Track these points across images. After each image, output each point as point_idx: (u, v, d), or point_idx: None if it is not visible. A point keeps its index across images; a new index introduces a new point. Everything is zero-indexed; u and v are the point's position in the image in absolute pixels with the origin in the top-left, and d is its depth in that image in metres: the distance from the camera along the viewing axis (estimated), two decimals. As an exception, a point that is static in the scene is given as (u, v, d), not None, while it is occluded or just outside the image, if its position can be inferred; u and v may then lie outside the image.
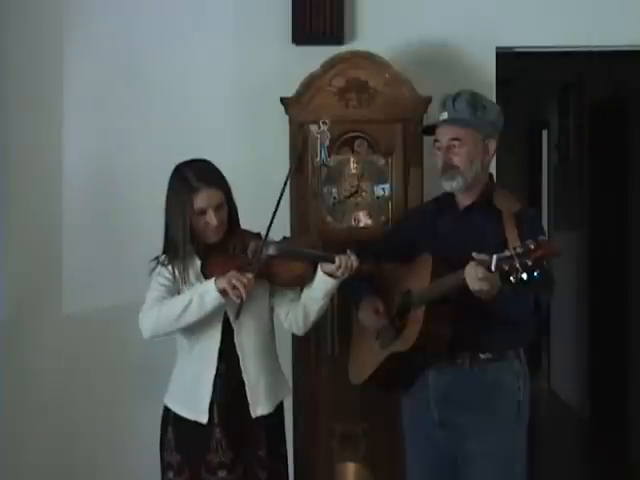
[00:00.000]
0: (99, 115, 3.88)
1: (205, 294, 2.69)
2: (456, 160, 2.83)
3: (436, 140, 2.88)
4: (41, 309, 3.87)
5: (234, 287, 2.66)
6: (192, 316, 2.71)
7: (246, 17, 3.85)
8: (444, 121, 2.85)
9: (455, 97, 2.87)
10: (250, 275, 2.69)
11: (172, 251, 2.81)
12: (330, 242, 3.25)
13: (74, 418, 3.87)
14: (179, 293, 2.82)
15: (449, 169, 2.84)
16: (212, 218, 2.77)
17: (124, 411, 3.85)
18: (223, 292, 2.67)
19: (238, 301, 2.68)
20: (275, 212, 2.77)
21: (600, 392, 6.09)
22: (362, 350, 3.02)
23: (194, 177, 2.78)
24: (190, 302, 2.70)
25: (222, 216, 2.81)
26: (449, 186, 2.86)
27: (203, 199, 2.76)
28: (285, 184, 2.81)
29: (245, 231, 2.88)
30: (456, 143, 2.83)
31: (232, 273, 2.68)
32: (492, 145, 2.90)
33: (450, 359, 2.80)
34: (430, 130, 2.94)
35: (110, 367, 3.85)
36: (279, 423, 2.94)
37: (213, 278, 2.69)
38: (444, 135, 2.85)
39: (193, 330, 2.81)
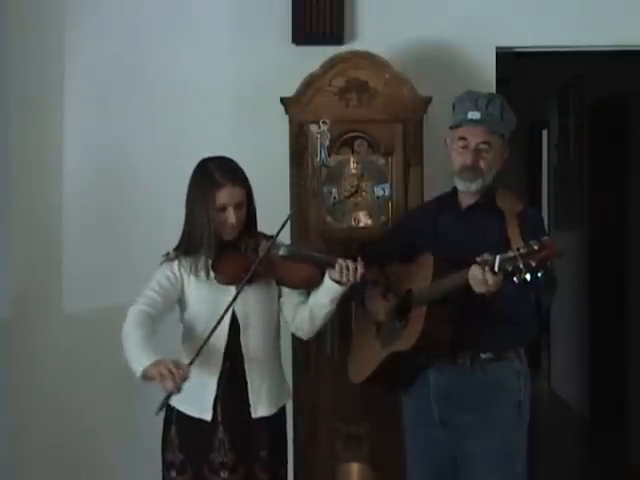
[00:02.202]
0: (99, 115, 3.88)
1: (135, 370, 2.63)
2: (482, 164, 2.83)
3: (462, 138, 2.85)
4: (42, 309, 3.87)
5: (163, 376, 2.55)
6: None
7: (246, 17, 3.85)
8: (477, 121, 2.81)
9: (490, 99, 2.85)
10: (187, 367, 2.60)
11: (191, 245, 2.80)
12: (330, 242, 3.26)
13: (76, 417, 3.87)
14: (183, 291, 2.82)
15: (473, 170, 2.82)
16: (232, 216, 2.77)
17: (125, 411, 3.85)
18: (148, 378, 2.58)
19: (166, 392, 2.59)
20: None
21: (600, 392, 6.09)
22: (362, 349, 3.02)
23: (219, 173, 2.78)
24: (128, 362, 2.66)
25: (241, 215, 2.80)
26: (467, 187, 2.85)
27: (226, 196, 2.76)
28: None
29: (260, 233, 2.88)
30: (486, 147, 2.83)
31: (166, 363, 2.57)
32: (507, 151, 2.91)
33: (451, 359, 2.80)
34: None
35: (111, 366, 3.81)
36: (281, 427, 2.94)
37: (149, 363, 2.59)
38: (475, 137, 2.82)
39: (200, 327, 2.81)
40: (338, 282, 2.78)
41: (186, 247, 2.82)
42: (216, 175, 2.77)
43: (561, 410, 6.78)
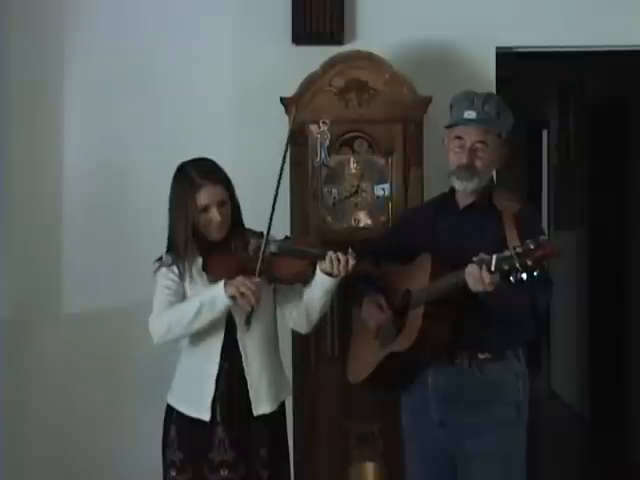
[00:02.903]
0: (99, 115, 3.88)
1: (215, 300, 2.70)
2: (478, 163, 2.83)
3: (458, 137, 2.85)
4: (41, 309, 3.87)
5: (242, 294, 2.67)
6: (203, 322, 2.74)
7: (246, 17, 3.86)
8: (472, 120, 2.82)
9: (486, 99, 2.85)
10: (257, 280, 2.70)
11: (175, 249, 2.81)
12: (330, 242, 3.25)
13: (75, 418, 3.88)
14: (184, 293, 2.83)
15: (468, 169, 2.82)
16: (215, 215, 2.78)
17: (125, 410, 3.85)
18: (232, 298, 2.69)
19: (249, 309, 2.70)
20: (273, 208, 2.76)
21: (600, 392, 6.09)
22: (361, 349, 3.02)
23: (197, 174, 2.78)
24: (201, 309, 2.71)
25: (225, 213, 2.81)
26: (463, 186, 2.85)
27: (206, 196, 2.77)
28: (279, 180, 2.80)
29: (248, 230, 2.88)
30: (482, 146, 2.83)
31: (240, 279, 2.69)
32: (505, 151, 2.91)
33: (449, 359, 2.80)
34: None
35: (110, 366, 3.85)
36: (281, 422, 2.95)
37: (222, 283, 2.70)
38: (470, 135, 2.83)
39: None
40: (329, 274, 2.78)
41: (175, 252, 2.82)
42: (194, 177, 2.78)
43: (561, 410, 6.77)
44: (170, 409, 2.88)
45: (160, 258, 2.86)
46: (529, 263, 2.41)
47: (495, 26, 3.82)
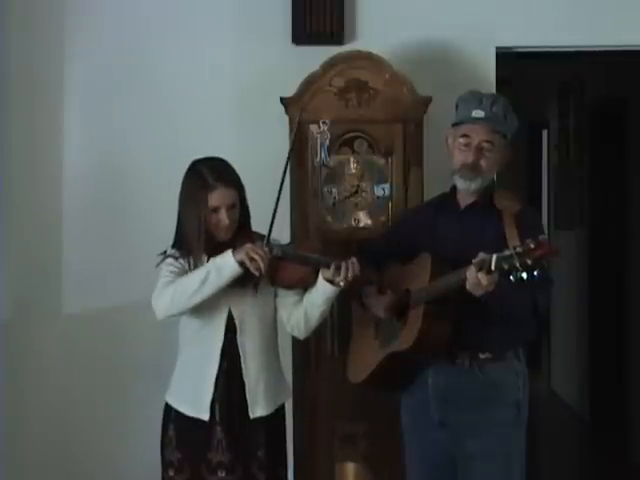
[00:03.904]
0: (99, 115, 3.88)
1: (223, 266, 2.70)
2: (483, 162, 2.82)
3: (465, 136, 2.84)
4: (41, 309, 3.87)
5: (252, 259, 2.67)
6: (210, 289, 2.71)
7: (246, 17, 3.86)
8: (481, 119, 2.81)
9: (494, 99, 2.85)
10: (266, 247, 2.71)
11: (184, 246, 2.82)
12: (330, 242, 3.26)
13: (75, 418, 3.87)
14: None
15: (473, 168, 2.82)
16: (224, 217, 2.78)
17: (125, 410, 3.85)
18: (241, 264, 2.69)
19: (257, 273, 2.69)
20: (275, 211, 2.77)
21: (600, 392, 6.09)
22: (361, 349, 3.02)
23: (210, 175, 2.79)
24: (208, 275, 2.70)
25: (234, 215, 2.82)
26: (466, 185, 2.85)
27: (218, 198, 2.77)
28: (282, 183, 2.82)
29: (255, 232, 2.89)
30: (488, 146, 2.82)
31: (249, 245, 2.70)
32: (508, 153, 2.91)
33: (449, 359, 2.80)
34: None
35: (110, 366, 3.85)
36: (280, 425, 2.95)
37: (230, 250, 2.70)
38: (478, 134, 2.82)
39: (197, 327, 2.82)
40: (331, 282, 2.78)
41: (180, 248, 2.83)
42: (208, 177, 2.78)
43: (561, 410, 6.78)
44: (169, 408, 2.89)
45: (164, 252, 2.86)
46: (529, 262, 2.41)
47: (495, 26, 3.82)
